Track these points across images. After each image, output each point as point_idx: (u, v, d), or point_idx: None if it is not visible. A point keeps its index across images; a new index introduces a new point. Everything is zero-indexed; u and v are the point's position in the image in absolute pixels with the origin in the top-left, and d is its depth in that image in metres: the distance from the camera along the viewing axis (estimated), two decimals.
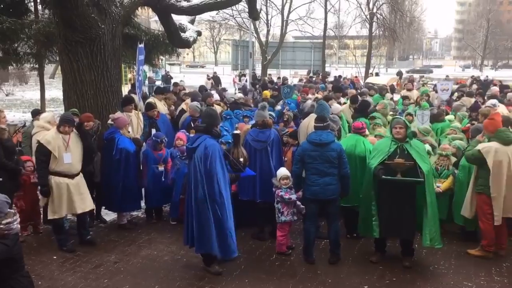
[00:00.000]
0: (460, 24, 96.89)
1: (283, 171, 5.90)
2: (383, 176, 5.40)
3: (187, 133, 7.36)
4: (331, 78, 25.41)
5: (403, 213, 5.48)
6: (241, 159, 5.33)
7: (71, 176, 5.93)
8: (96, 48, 7.80)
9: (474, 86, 16.75)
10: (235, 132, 5.40)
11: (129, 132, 6.96)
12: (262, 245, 6.25)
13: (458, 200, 6.27)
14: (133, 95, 8.74)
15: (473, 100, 11.55)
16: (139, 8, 11.38)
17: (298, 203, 5.88)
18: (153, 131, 7.74)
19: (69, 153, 5.86)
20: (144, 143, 7.09)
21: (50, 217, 5.89)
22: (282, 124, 8.17)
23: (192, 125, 8.04)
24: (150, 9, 11.48)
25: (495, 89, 13.63)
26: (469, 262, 5.81)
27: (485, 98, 11.66)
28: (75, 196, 5.93)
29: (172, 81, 23.60)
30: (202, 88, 13.80)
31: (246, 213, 6.81)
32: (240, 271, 5.52)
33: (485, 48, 68.71)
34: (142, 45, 7.75)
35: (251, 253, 6.01)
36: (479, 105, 10.07)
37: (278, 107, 10.20)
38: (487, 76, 32.68)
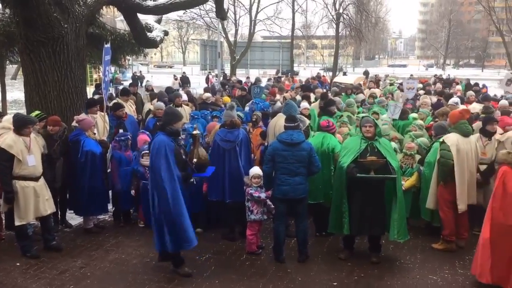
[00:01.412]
0: (423, 25, 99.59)
1: (255, 170, 5.91)
2: (358, 174, 5.48)
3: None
4: (301, 78, 25.58)
5: (374, 210, 5.59)
6: (195, 160, 5.22)
7: (36, 179, 5.78)
8: (59, 48, 7.61)
9: (438, 85, 17.25)
10: (193, 132, 5.30)
11: (94, 134, 6.82)
12: (232, 245, 6.24)
13: (425, 196, 6.43)
14: (98, 96, 8.58)
15: (434, 98, 11.92)
16: (104, 7, 11.15)
17: (269, 203, 5.91)
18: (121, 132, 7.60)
19: (32, 155, 5.70)
20: (110, 145, 6.96)
21: (17, 223, 5.68)
22: (250, 124, 8.18)
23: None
24: (116, 8, 11.26)
25: (458, 87, 14.09)
26: (434, 256, 5.97)
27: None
28: (41, 199, 5.79)
29: (145, 80, 23.36)
30: (168, 90, 13.67)
31: (216, 213, 6.82)
32: (210, 272, 5.49)
33: (447, 47, 70.83)
34: (108, 45, 7.61)
35: (221, 254, 6.00)
36: (442, 103, 10.37)
37: (246, 109, 10.23)
38: (449, 74, 33.72)
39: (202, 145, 6.03)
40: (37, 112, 6.70)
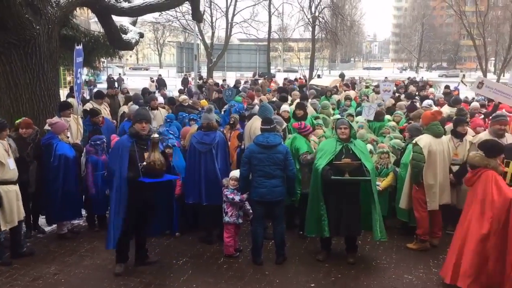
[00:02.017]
0: (397, 28, 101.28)
1: (235, 172, 5.92)
2: (333, 177, 5.52)
3: None
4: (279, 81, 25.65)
5: (349, 211, 5.64)
6: (144, 163, 5.10)
7: (15, 183, 5.73)
8: (30, 50, 7.45)
9: (412, 87, 17.58)
10: (152, 136, 5.20)
11: (67, 137, 6.68)
12: (210, 249, 6.21)
13: (401, 196, 6.51)
14: (71, 99, 8.43)
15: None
16: (78, 9, 11.00)
17: (248, 207, 5.91)
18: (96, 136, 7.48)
19: (12, 159, 5.67)
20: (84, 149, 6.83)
21: (3, 228, 5.60)
22: (228, 127, 8.16)
23: None
24: (90, 9, 11.11)
25: (436, 93, 14.42)
26: (409, 256, 6.07)
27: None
28: (21, 203, 5.76)
29: (123, 83, 23.06)
30: (145, 91, 13.52)
31: (193, 216, 6.78)
32: (187, 276, 5.45)
33: (420, 50, 72.28)
34: (79, 47, 7.49)
35: (198, 257, 5.96)
36: (415, 105, 10.56)
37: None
38: (422, 77, 34.42)
39: (164, 150, 5.77)
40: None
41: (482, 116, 9.60)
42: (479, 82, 9.93)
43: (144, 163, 5.13)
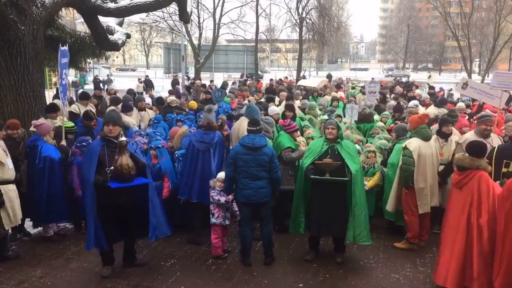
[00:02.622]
0: (383, 29, 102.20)
1: (222, 174, 5.91)
2: (312, 176, 5.57)
3: None
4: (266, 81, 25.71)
5: (334, 212, 5.66)
6: (112, 168, 5.00)
7: (13, 182, 5.74)
8: (15, 51, 7.37)
9: (398, 88, 17.75)
10: (120, 139, 5.06)
11: (53, 139, 6.61)
12: (198, 250, 6.19)
13: (388, 196, 6.55)
14: (57, 100, 8.34)
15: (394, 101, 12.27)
16: (63, 9, 10.90)
17: (236, 208, 5.91)
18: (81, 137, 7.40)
19: (9, 158, 5.68)
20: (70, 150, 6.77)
21: (7, 227, 5.64)
22: None
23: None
24: (75, 10, 11.00)
25: (422, 94, 14.55)
26: (396, 255, 6.13)
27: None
28: (19, 202, 5.78)
29: (110, 84, 22.81)
30: (130, 92, 13.43)
31: (179, 219, 6.76)
32: (175, 277, 5.43)
33: (406, 51, 73.02)
34: (64, 48, 7.41)
35: (186, 259, 5.94)
36: (401, 105, 10.67)
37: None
38: (408, 78, 34.77)
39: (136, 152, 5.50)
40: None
41: (467, 116, 9.75)
42: (464, 83, 10.08)
43: (112, 167, 5.02)
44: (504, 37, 43.64)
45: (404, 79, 29.35)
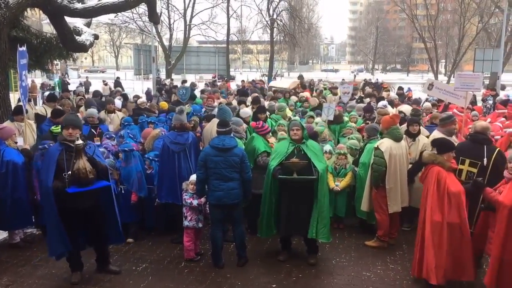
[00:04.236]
0: (353, 31, 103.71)
1: (195, 176, 5.86)
2: (279, 176, 5.60)
3: None
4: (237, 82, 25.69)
5: (301, 212, 5.70)
6: (69, 172, 4.89)
7: None
8: None
9: (367, 88, 18.05)
10: (76, 142, 4.92)
11: (16, 143, 6.40)
12: (170, 253, 6.13)
13: (360, 195, 6.65)
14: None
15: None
16: (29, 9, 10.60)
17: (208, 210, 5.86)
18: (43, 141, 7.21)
19: None
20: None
21: None
22: None
23: (95, 133, 7.72)
24: (41, 10, 10.73)
25: (391, 94, 14.86)
26: (367, 253, 6.22)
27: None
28: None
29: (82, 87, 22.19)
30: (97, 94, 13.19)
31: (151, 222, 6.69)
32: (147, 282, 5.35)
33: (375, 53, 74.34)
34: (23, 48, 7.22)
35: (158, 263, 5.86)
36: (371, 106, 10.85)
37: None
38: (377, 79, 35.42)
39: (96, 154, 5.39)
40: None
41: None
42: (430, 84, 10.33)
43: (69, 172, 4.88)
44: (469, 39, 45.02)
45: (373, 80, 29.95)
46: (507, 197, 4.52)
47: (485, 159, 5.42)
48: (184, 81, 24.88)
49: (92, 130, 7.84)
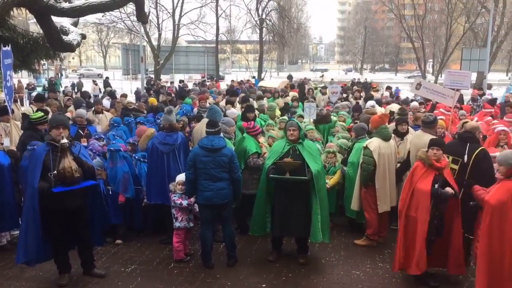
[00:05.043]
0: (342, 31, 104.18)
1: (181, 176, 5.83)
2: (271, 175, 5.61)
3: None
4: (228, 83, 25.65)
5: (294, 212, 5.71)
6: (54, 172, 4.84)
7: None
8: None
9: (356, 88, 18.13)
10: (62, 141, 4.85)
11: (2, 144, 6.31)
12: (159, 254, 6.09)
13: (349, 195, 6.68)
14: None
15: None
16: (15, 9, 10.46)
17: (197, 209, 5.84)
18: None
19: None
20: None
21: None
22: None
23: (83, 134, 7.65)
24: (27, 10, 10.59)
25: (384, 93, 14.97)
26: (356, 252, 6.25)
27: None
28: None
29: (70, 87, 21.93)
30: (85, 94, 13.09)
31: (138, 224, 6.65)
32: (136, 283, 5.32)
33: (364, 53, 74.74)
34: (7, 48, 7.12)
35: (148, 264, 5.83)
36: (360, 105, 10.91)
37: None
38: (366, 78, 35.65)
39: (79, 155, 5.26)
40: None
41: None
42: (417, 83, 10.41)
43: (54, 172, 4.83)
44: (456, 38, 45.47)
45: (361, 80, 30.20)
46: (493, 197, 4.59)
47: (465, 156, 5.43)
48: (172, 82, 24.77)
49: (80, 131, 7.78)
